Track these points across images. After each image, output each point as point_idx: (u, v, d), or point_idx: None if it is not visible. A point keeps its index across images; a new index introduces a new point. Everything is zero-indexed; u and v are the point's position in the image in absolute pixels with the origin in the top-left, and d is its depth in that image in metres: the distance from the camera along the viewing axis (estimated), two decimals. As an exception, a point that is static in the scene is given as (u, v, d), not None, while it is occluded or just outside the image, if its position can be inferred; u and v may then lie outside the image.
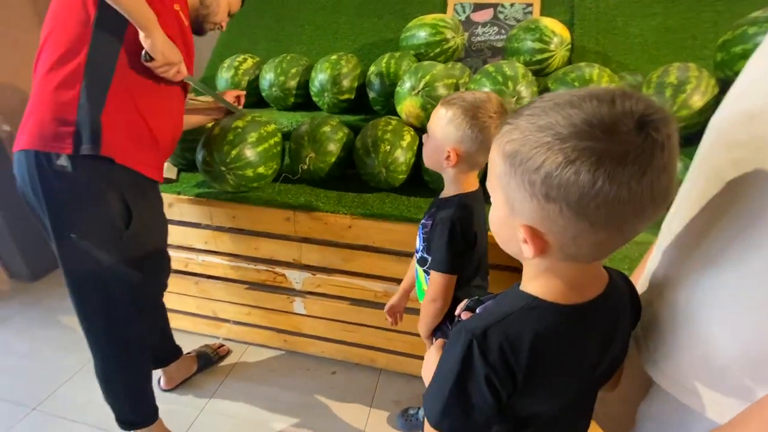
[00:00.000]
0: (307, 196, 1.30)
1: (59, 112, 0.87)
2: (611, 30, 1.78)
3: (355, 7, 2.06)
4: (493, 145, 0.43)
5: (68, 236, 0.90)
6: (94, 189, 0.90)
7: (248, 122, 1.21)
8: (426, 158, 0.86)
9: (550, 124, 0.36)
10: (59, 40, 0.89)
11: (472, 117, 0.75)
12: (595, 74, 1.14)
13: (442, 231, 0.80)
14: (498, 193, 0.43)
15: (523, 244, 0.41)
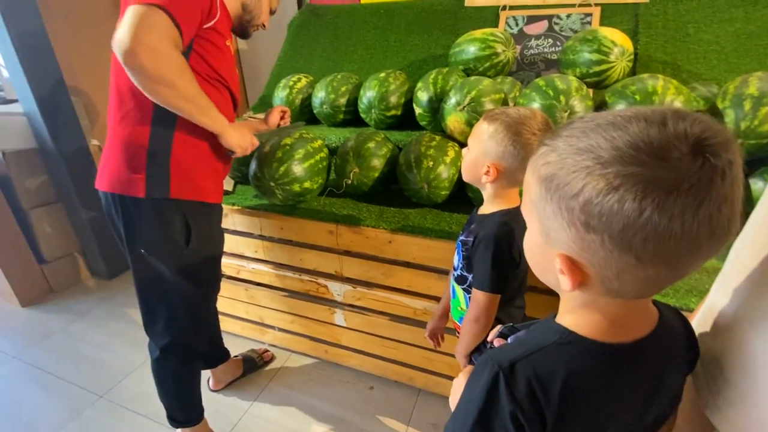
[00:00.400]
0: (350, 210, 1.32)
1: (131, 159, 0.96)
2: (681, 38, 1.65)
3: (405, 25, 2.10)
4: (528, 166, 0.40)
5: (138, 251, 1.02)
6: (163, 216, 1.00)
7: (296, 139, 1.27)
8: (464, 172, 0.84)
9: (590, 146, 0.33)
10: (125, 87, 0.94)
11: (515, 133, 0.73)
12: (659, 86, 1.05)
13: (486, 249, 0.77)
14: (533, 219, 0.40)
15: (560, 275, 0.38)
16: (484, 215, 0.83)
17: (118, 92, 0.96)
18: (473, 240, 0.81)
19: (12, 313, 2.07)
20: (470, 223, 0.87)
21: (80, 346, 1.82)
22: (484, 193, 0.84)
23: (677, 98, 1.04)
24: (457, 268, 0.88)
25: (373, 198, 1.40)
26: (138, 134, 0.95)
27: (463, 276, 0.86)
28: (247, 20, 1.12)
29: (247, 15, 1.11)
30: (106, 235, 2.28)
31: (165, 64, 0.82)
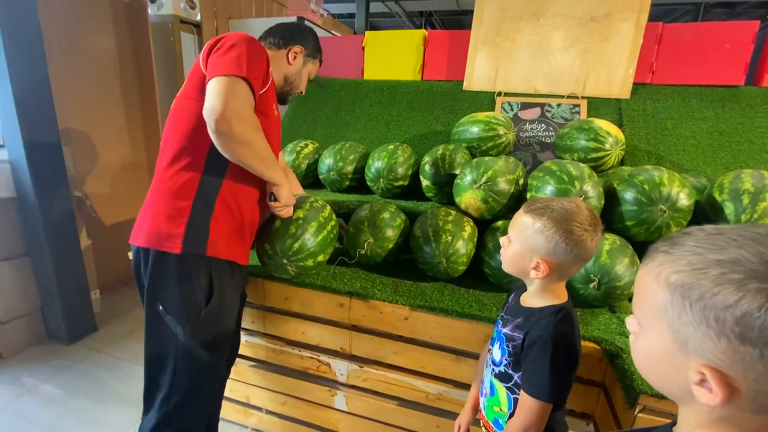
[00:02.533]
0: (362, 282, 1.27)
1: (174, 216, 0.98)
2: (661, 131, 1.82)
3: (407, 102, 2.23)
4: (644, 271, 0.41)
5: (157, 307, 1.00)
6: (189, 273, 0.99)
7: (307, 211, 1.21)
8: (507, 264, 0.82)
9: (735, 259, 0.34)
10: (180, 143, 0.99)
11: (566, 230, 0.72)
12: (665, 178, 1.13)
13: (543, 352, 0.73)
14: (658, 325, 0.39)
15: (696, 387, 0.37)
16: (533, 309, 0.79)
17: (171, 149, 1.00)
18: (523, 338, 0.77)
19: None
20: (514, 314, 0.83)
21: (27, 428, 1.55)
22: (530, 285, 0.81)
23: (682, 190, 1.12)
24: (500, 364, 0.82)
25: (385, 269, 1.36)
26: (184, 192, 0.98)
27: (507, 374, 0.80)
28: (287, 90, 1.25)
29: (288, 86, 1.24)
30: (72, 294, 2.08)
31: (249, 128, 0.94)
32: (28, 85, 1.77)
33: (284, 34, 1.21)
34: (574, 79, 1.98)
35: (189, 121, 0.98)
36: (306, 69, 1.28)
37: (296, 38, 1.22)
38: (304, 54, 1.24)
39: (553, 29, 1.98)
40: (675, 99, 1.87)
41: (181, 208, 0.98)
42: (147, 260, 1.00)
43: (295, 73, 1.24)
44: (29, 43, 1.76)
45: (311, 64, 1.30)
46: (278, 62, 1.20)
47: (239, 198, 1.04)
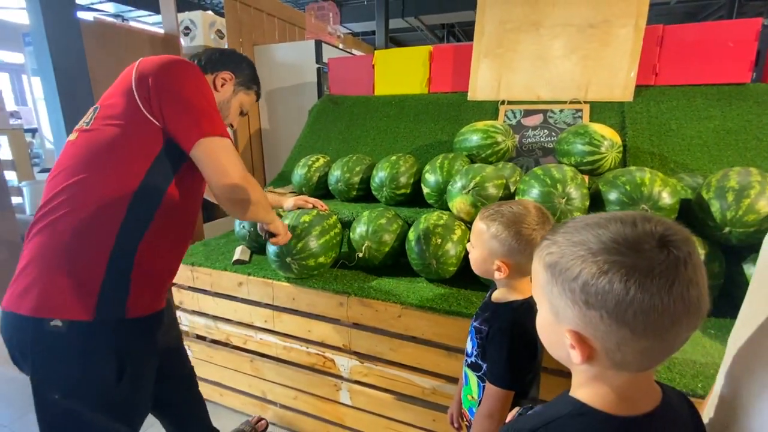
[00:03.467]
0: (360, 282, 1.37)
1: (81, 277, 0.79)
2: (665, 132, 1.82)
3: (414, 115, 2.33)
4: (534, 257, 0.49)
5: (53, 397, 0.80)
6: (88, 346, 0.81)
7: (313, 217, 1.37)
8: (475, 267, 0.89)
9: (582, 240, 0.42)
10: (93, 198, 0.81)
11: (516, 232, 0.79)
12: (647, 178, 1.16)
13: (501, 342, 0.79)
14: (543, 300, 0.47)
15: (570, 350, 0.44)
16: (498, 304, 0.86)
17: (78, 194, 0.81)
18: (488, 330, 0.83)
19: (10, 378, 2.02)
20: (484, 309, 0.90)
21: None
22: (497, 282, 0.89)
23: (664, 189, 1.14)
24: (471, 355, 0.89)
25: (383, 271, 1.46)
26: (97, 248, 0.81)
27: (477, 363, 0.87)
28: None
29: None
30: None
31: (255, 186, 0.94)
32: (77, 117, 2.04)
33: (211, 58, 1.08)
34: (576, 84, 2.01)
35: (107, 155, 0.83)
36: (237, 99, 1.13)
37: (226, 64, 1.09)
38: (235, 82, 1.10)
39: (553, 38, 2.03)
40: (680, 99, 1.86)
41: (92, 266, 0.81)
42: (32, 333, 0.78)
43: (223, 102, 1.09)
44: (79, 82, 2.03)
45: (244, 95, 1.14)
46: None
47: (163, 246, 0.91)
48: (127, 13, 7.92)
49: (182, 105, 0.85)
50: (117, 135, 0.84)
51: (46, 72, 1.92)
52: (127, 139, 0.84)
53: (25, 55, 2.55)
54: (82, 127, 0.88)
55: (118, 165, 0.84)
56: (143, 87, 0.84)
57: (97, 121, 0.86)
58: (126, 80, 0.87)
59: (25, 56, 2.56)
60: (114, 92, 0.89)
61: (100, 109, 0.88)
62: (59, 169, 0.85)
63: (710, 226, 1.16)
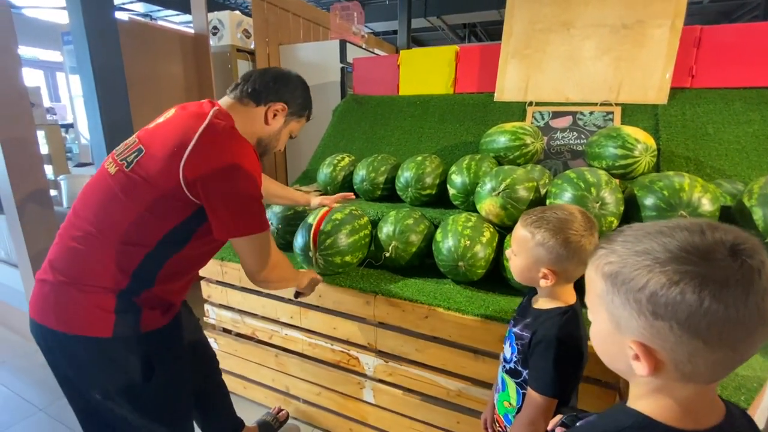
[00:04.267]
0: (387, 282, 1.38)
1: (99, 301, 0.86)
2: (701, 136, 1.76)
3: (439, 115, 2.33)
4: (589, 265, 0.48)
5: (94, 396, 0.88)
6: (111, 357, 0.89)
7: (346, 215, 1.39)
8: (517, 275, 0.87)
9: (646, 249, 0.41)
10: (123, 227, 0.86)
11: (565, 239, 0.77)
12: (686, 184, 1.13)
13: (547, 351, 0.78)
14: (600, 310, 0.46)
15: (633, 362, 0.43)
16: (541, 311, 0.85)
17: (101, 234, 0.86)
18: (530, 337, 0.82)
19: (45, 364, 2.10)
20: (524, 315, 0.89)
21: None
22: (540, 290, 0.87)
23: (704, 195, 1.11)
24: (510, 361, 0.88)
25: (409, 271, 1.46)
26: (114, 280, 0.86)
27: (516, 370, 0.86)
28: (259, 152, 1.05)
29: (260, 149, 1.06)
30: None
31: (283, 272, 1.05)
32: (113, 114, 2.11)
33: (267, 86, 1.00)
34: (608, 86, 1.97)
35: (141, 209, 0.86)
36: (287, 129, 1.09)
37: (280, 94, 1.01)
38: (287, 113, 1.04)
39: (584, 39, 1.99)
40: (717, 103, 1.80)
41: (112, 287, 0.86)
42: (62, 343, 0.87)
43: (273, 135, 1.05)
44: (115, 79, 2.10)
45: (295, 123, 1.10)
46: (252, 120, 1.00)
47: (176, 281, 0.97)
48: (156, 12, 8.13)
49: (224, 203, 0.86)
50: (155, 198, 0.86)
51: (85, 70, 2.00)
52: (163, 203, 0.86)
53: (63, 53, 2.64)
54: (123, 166, 0.89)
55: (148, 220, 0.87)
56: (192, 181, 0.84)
57: (138, 169, 0.87)
58: (178, 150, 0.85)
59: (63, 54, 2.65)
60: (162, 152, 0.87)
61: (145, 156, 0.88)
62: (96, 197, 0.89)
63: (751, 234, 1.12)
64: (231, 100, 1.01)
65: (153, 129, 0.95)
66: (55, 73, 6.90)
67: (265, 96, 1.00)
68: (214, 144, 0.87)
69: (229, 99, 1.01)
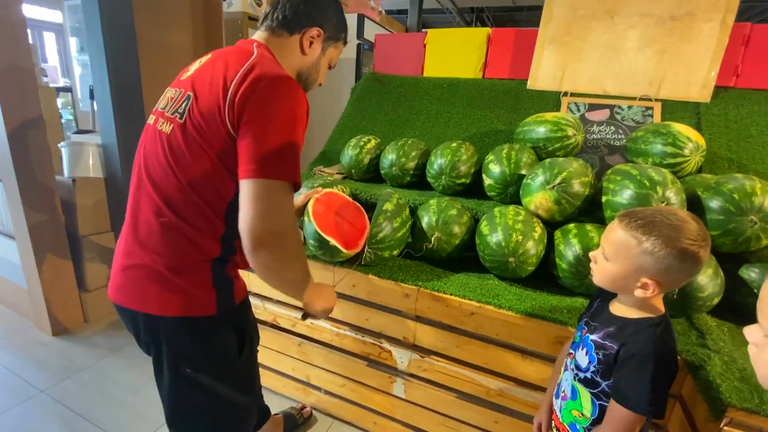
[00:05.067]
0: (428, 275, 1.31)
1: (201, 277, 0.83)
2: (744, 138, 1.71)
3: (467, 100, 2.23)
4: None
5: (183, 370, 0.87)
6: (214, 333, 0.88)
7: (395, 205, 1.31)
8: (605, 282, 0.79)
9: None
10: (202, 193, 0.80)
11: (680, 250, 0.68)
12: (758, 188, 1.07)
13: (643, 366, 0.71)
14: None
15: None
16: (628, 320, 0.78)
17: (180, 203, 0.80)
18: (618, 349, 0.76)
19: (42, 342, 2.00)
20: (604, 322, 0.81)
21: (111, 387, 1.73)
22: (624, 297, 0.80)
23: (777, 201, 1.06)
24: (586, 370, 0.81)
25: (450, 264, 1.39)
26: (210, 239, 0.83)
27: (594, 381, 0.80)
28: (304, 84, 0.99)
29: (302, 82, 0.97)
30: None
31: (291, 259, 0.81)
32: (123, 77, 1.95)
33: (297, 10, 0.89)
34: (648, 80, 1.90)
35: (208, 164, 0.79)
36: (326, 57, 0.98)
37: (313, 17, 0.90)
38: (324, 38, 0.94)
39: (628, 28, 1.91)
40: (762, 104, 1.75)
41: (204, 265, 0.83)
42: (163, 329, 0.85)
43: (312, 65, 0.95)
44: (126, 40, 1.94)
45: (333, 49, 0.99)
46: (288, 52, 0.91)
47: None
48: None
49: (260, 133, 0.75)
50: (219, 143, 0.78)
51: (93, 28, 1.83)
52: (227, 147, 0.78)
53: (65, 11, 2.43)
54: (177, 118, 0.81)
55: (221, 171, 0.80)
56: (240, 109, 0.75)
57: (195, 116, 0.79)
58: (226, 82, 0.77)
59: (65, 12, 2.44)
60: (211, 89, 0.79)
61: (197, 100, 0.79)
62: (162, 164, 0.81)
63: (821, 244, 1.08)
64: (264, 33, 0.91)
65: (194, 74, 0.86)
66: (42, 33, 6.49)
67: (297, 22, 0.90)
68: (263, 75, 0.77)
69: (262, 33, 0.92)
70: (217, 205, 0.82)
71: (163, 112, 0.85)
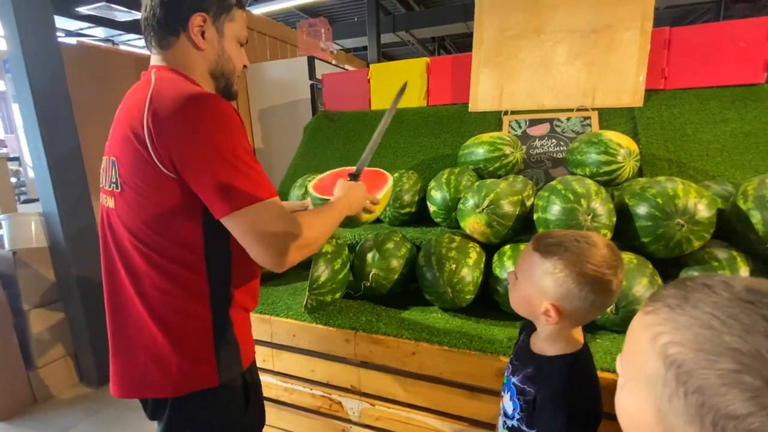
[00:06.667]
0: (368, 315, 1.24)
1: (192, 349, 0.75)
2: (680, 137, 1.73)
3: (414, 128, 2.24)
4: (640, 322, 0.35)
5: None
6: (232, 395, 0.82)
7: (335, 246, 1.26)
8: (516, 305, 0.75)
9: (757, 353, 0.27)
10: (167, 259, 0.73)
11: (579, 273, 0.64)
12: (680, 189, 1.05)
13: (557, 413, 0.65)
14: (645, 394, 0.34)
15: None
16: (543, 358, 0.72)
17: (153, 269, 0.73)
18: (535, 395, 0.69)
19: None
20: (524, 361, 0.75)
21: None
22: (541, 329, 0.74)
23: (700, 200, 1.04)
24: (512, 417, 0.74)
25: (392, 300, 1.33)
26: (197, 316, 0.76)
27: (521, 429, 0.72)
28: (224, 83, 0.87)
29: (222, 78, 0.85)
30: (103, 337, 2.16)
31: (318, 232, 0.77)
32: (59, 144, 1.93)
33: (167, 6, 0.75)
34: (582, 91, 1.93)
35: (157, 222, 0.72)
36: (229, 37, 0.82)
37: (187, 3, 0.76)
38: (213, 19, 0.78)
39: (555, 44, 1.96)
40: (692, 103, 1.78)
41: (201, 335, 0.76)
42: (166, 409, 0.78)
43: (218, 56, 0.81)
44: (60, 106, 1.92)
45: (231, 24, 0.81)
46: (187, 57, 0.78)
47: (249, 283, 0.85)
48: (117, 37, 7.89)
49: (204, 169, 0.67)
50: (164, 203, 0.71)
51: (25, 99, 1.82)
52: (175, 203, 0.71)
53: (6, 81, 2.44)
54: (114, 189, 0.75)
55: (173, 228, 0.72)
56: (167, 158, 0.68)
57: (126, 183, 0.73)
58: (134, 138, 0.69)
59: (6, 83, 2.45)
60: (127, 151, 0.72)
61: (119, 164, 0.73)
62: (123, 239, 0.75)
63: (752, 239, 1.05)
64: (155, 52, 0.80)
65: (111, 134, 0.80)
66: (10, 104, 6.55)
67: (173, 18, 0.76)
68: (166, 107, 0.68)
69: (154, 55, 0.80)
70: (194, 255, 0.74)
71: (102, 187, 0.80)
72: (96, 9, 5.45)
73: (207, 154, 0.66)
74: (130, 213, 0.73)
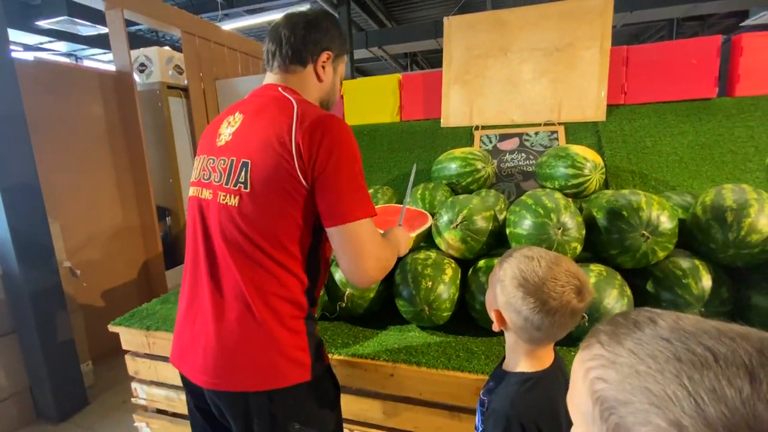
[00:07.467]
0: (344, 338, 1.21)
1: (291, 344, 0.80)
2: (641, 150, 1.81)
3: (388, 144, 2.25)
4: (578, 356, 0.34)
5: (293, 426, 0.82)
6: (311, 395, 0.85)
7: None
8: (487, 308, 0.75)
9: (668, 397, 0.26)
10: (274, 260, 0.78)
11: (518, 285, 0.63)
12: (643, 202, 1.09)
13: (494, 428, 0.63)
14: (579, 428, 0.33)
15: None
16: (505, 373, 0.71)
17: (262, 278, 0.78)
18: (488, 405, 0.69)
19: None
20: (493, 376, 0.76)
21: None
22: (509, 345, 0.73)
23: (662, 213, 1.08)
24: (477, 429, 0.74)
25: (369, 320, 1.30)
26: (295, 315, 0.82)
27: None
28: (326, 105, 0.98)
29: (324, 106, 0.96)
30: (62, 370, 2.02)
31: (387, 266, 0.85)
32: (10, 164, 1.82)
33: (305, 41, 0.86)
34: (548, 106, 2.00)
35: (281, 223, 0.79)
36: (338, 75, 0.97)
37: (320, 42, 0.88)
38: (333, 58, 0.92)
39: (521, 62, 2.03)
40: (651, 117, 1.87)
41: (297, 335, 0.81)
42: (264, 403, 0.79)
43: (330, 89, 0.95)
44: (11, 123, 1.82)
45: (341, 64, 0.97)
46: (308, 85, 0.89)
47: (320, 290, 0.95)
48: (80, 51, 7.64)
49: (336, 183, 0.77)
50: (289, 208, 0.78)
51: (-26, 118, 1.71)
52: (298, 209, 0.78)
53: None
54: (242, 188, 0.78)
55: (296, 232, 0.80)
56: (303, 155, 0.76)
57: (258, 184, 0.77)
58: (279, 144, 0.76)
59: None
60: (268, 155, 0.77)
61: (255, 167, 0.78)
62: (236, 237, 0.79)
63: (712, 248, 1.09)
64: (278, 74, 0.89)
65: (236, 138, 0.83)
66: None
67: (307, 52, 0.88)
68: (317, 124, 0.77)
69: (276, 74, 0.89)
70: (299, 259, 0.81)
71: (220, 185, 0.81)
72: (58, 23, 5.27)
73: (341, 172, 0.77)
74: (256, 212, 0.77)
